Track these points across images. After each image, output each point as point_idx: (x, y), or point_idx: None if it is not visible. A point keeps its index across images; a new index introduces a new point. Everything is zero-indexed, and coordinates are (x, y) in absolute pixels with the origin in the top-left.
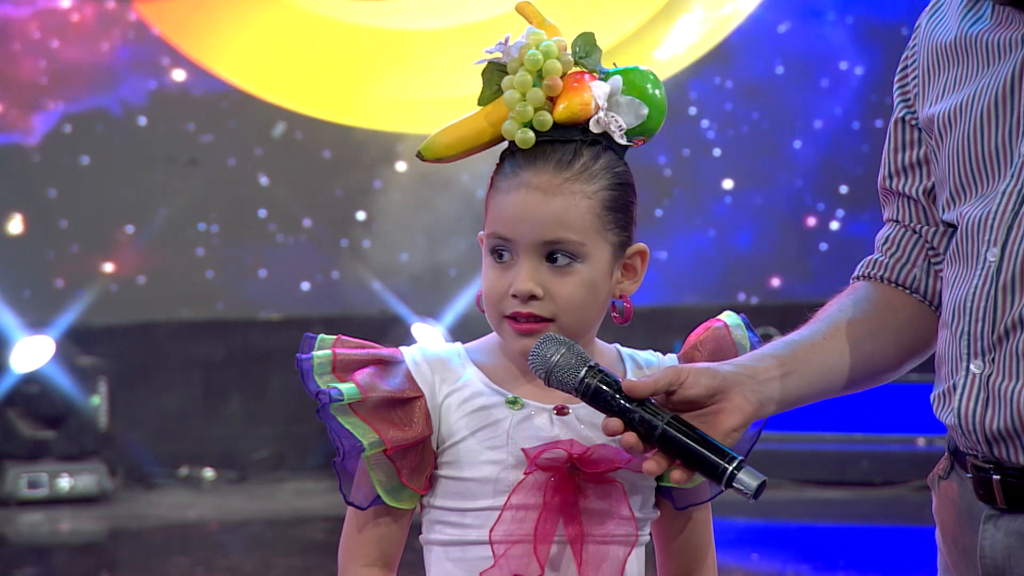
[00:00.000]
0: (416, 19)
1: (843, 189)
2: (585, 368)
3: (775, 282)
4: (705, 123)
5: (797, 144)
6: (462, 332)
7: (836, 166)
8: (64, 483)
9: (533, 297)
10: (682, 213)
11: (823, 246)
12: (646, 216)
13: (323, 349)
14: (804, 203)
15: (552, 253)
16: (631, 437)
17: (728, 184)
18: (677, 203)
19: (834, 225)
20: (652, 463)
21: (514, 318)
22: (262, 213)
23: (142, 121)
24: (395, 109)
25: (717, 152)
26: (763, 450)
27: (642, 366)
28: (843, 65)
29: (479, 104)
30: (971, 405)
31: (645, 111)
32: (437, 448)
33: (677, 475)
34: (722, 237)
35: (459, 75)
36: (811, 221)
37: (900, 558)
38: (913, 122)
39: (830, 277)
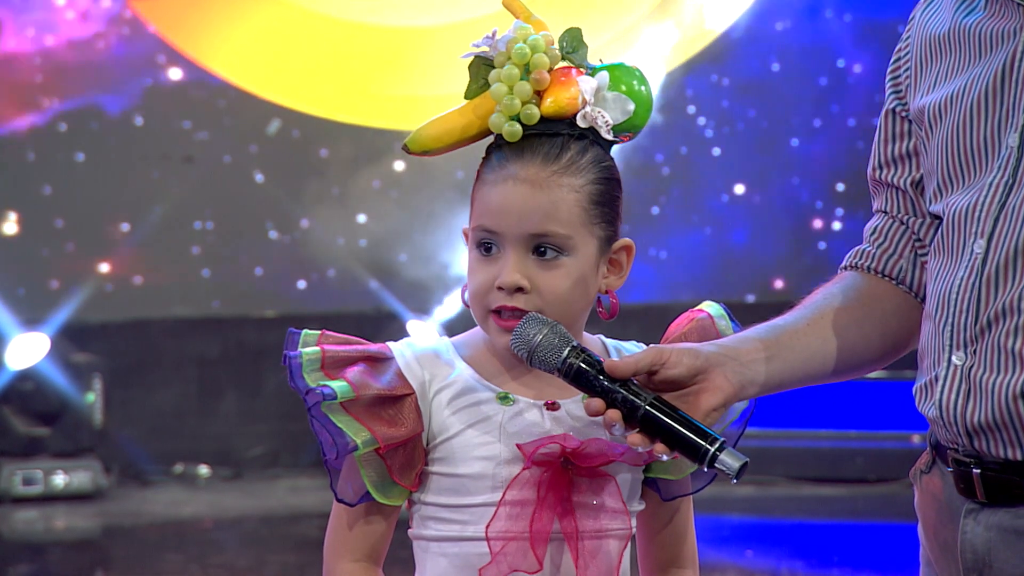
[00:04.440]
0: (411, 16)
1: (840, 187)
2: (568, 348)
3: (771, 280)
4: (702, 121)
5: (794, 142)
6: (457, 329)
7: (834, 164)
8: (59, 480)
9: (519, 290)
10: (679, 211)
11: (820, 244)
12: (643, 213)
13: (308, 345)
14: (801, 201)
15: (539, 246)
16: (614, 414)
17: (725, 181)
18: (674, 200)
19: (832, 223)
20: (637, 436)
21: (499, 313)
22: (257, 210)
23: (137, 118)
24: (391, 106)
25: (715, 150)
26: (758, 447)
27: (625, 355)
28: (840, 63)
29: (466, 98)
30: (952, 397)
31: (631, 107)
32: (427, 445)
33: (660, 448)
34: (718, 234)
35: (455, 72)
36: (808, 219)
37: (894, 554)
38: (904, 114)
39: (827, 274)
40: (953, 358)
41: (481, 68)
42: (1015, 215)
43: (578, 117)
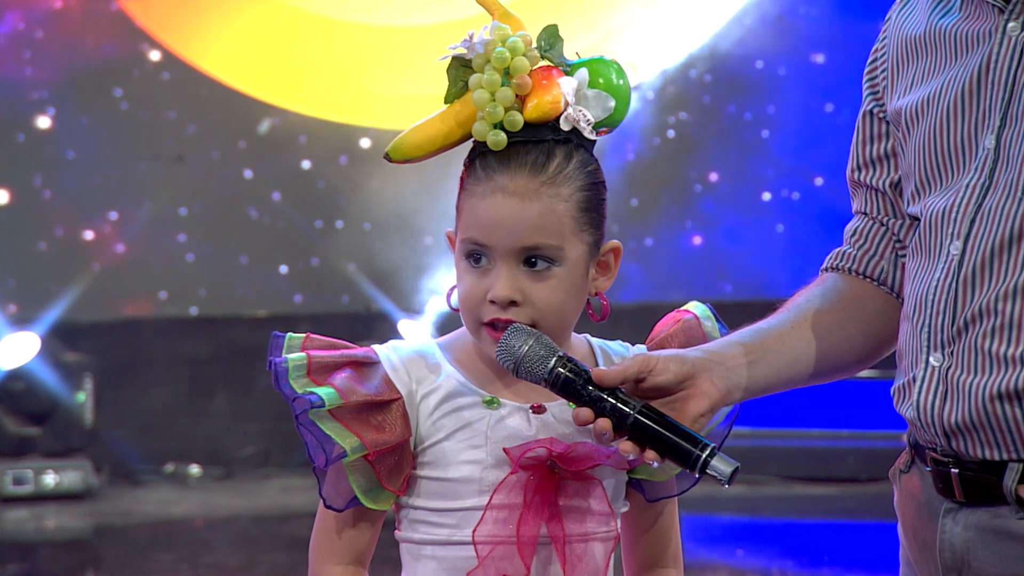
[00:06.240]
0: (403, 16)
1: (818, 181)
2: (554, 358)
3: (760, 278)
4: (685, 117)
5: (779, 137)
6: (448, 328)
7: (818, 159)
8: (49, 480)
9: (512, 303)
10: (666, 209)
11: (805, 241)
12: (632, 212)
13: (293, 350)
14: (790, 199)
15: (530, 258)
16: (605, 423)
17: (713, 178)
18: (662, 199)
19: (820, 220)
20: (628, 444)
21: (492, 325)
22: (248, 210)
23: (128, 117)
24: (384, 105)
25: (699, 146)
26: (750, 446)
27: (611, 355)
28: (819, 58)
29: (446, 102)
30: (930, 398)
31: (612, 103)
32: (415, 449)
33: (650, 455)
34: (707, 232)
35: (445, 72)
36: (798, 217)
37: (885, 554)
38: (881, 115)
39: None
40: (930, 359)
41: (459, 70)
42: (991, 217)
43: (561, 119)
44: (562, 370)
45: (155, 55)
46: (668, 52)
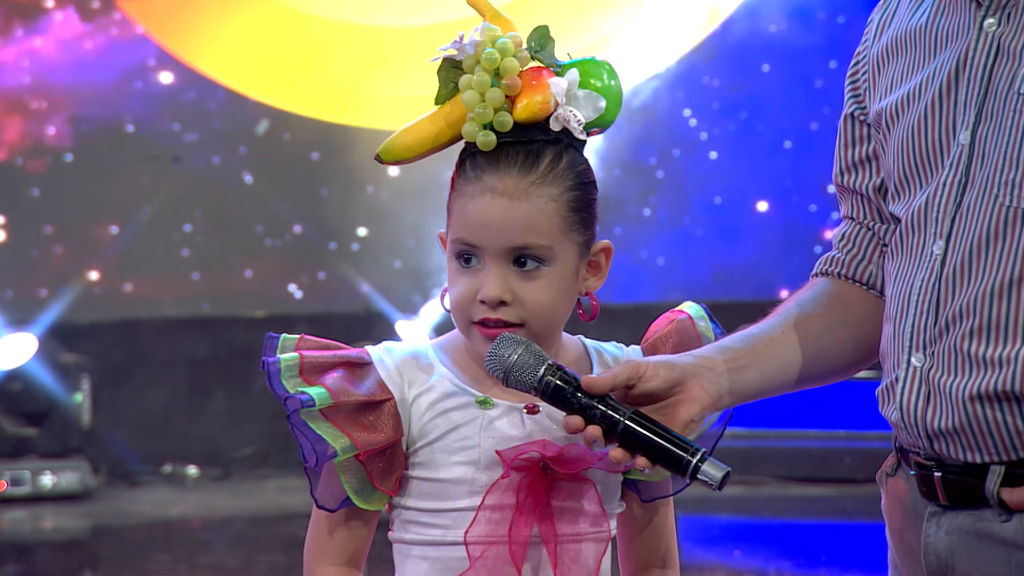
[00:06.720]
0: (402, 16)
1: (831, 188)
2: (544, 366)
3: (761, 280)
4: (694, 123)
5: (787, 144)
6: (446, 329)
7: (825, 165)
8: (47, 480)
9: (502, 303)
10: (669, 212)
11: (808, 244)
12: (633, 214)
13: (287, 351)
14: (792, 202)
15: (520, 258)
16: (595, 430)
17: (716, 182)
18: (664, 202)
19: (821, 224)
20: (619, 451)
21: (483, 323)
22: (246, 211)
23: (126, 119)
24: (381, 106)
25: (705, 151)
26: (746, 447)
27: (606, 356)
28: (833, 64)
29: (436, 103)
30: (913, 399)
31: (603, 104)
32: (407, 449)
33: (641, 462)
34: (708, 235)
35: None
36: (799, 220)
37: (882, 554)
38: (862, 118)
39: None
40: (912, 359)
41: (450, 71)
42: (970, 214)
43: (551, 120)
44: (552, 378)
45: (155, 56)
46: (667, 55)
